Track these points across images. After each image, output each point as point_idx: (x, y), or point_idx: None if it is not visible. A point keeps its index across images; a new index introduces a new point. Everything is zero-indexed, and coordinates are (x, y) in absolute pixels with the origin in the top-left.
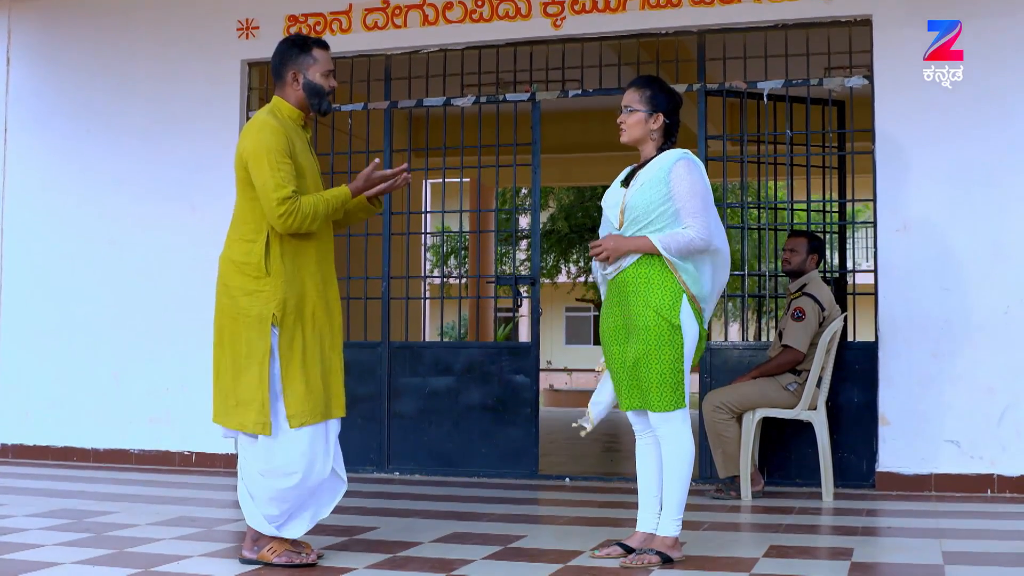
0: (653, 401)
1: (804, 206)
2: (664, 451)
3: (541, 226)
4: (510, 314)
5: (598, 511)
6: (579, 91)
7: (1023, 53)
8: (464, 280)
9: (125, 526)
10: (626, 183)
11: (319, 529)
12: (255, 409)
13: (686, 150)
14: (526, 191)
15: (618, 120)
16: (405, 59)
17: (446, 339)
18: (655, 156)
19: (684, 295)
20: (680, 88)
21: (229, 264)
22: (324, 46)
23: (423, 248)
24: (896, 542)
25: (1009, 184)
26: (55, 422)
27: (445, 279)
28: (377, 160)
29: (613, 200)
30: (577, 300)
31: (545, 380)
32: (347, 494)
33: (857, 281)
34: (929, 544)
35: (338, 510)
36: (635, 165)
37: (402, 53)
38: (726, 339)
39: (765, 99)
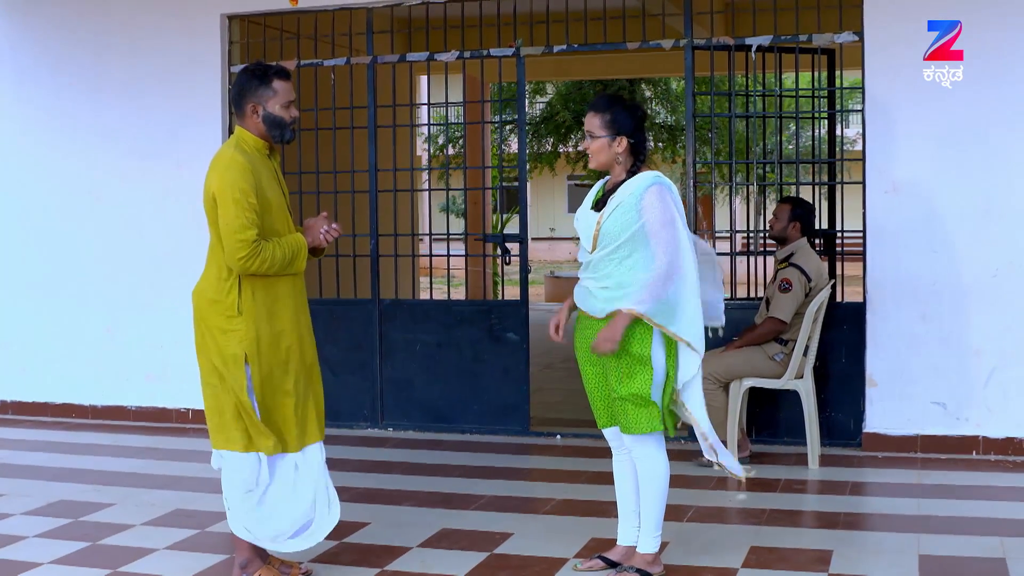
0: (626, 424)
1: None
2: (639, 471)
3: (539, 112)
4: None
5: (586, 490)
6: (564, 46)
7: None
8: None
9: (119, 528)
10: (597, 205)
11: None
12: (238, 433)
13: (657, 173)
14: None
15: (582, 147)
16: (387, 12)
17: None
18: (625, 180)
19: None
20: (667, 44)
21: (203, 300)
22: (284, 76)
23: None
24: (875, 540)
25: (999, 146)
26: (53, 378)
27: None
28: (325, 213)
29: (585, 223)
30: (578, 183)
31: (548, 252)
32: (343, 462)
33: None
34: (907, 543)
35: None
36: (605, 182)
37: (384, 6)
38: None
39: (753, 53)
